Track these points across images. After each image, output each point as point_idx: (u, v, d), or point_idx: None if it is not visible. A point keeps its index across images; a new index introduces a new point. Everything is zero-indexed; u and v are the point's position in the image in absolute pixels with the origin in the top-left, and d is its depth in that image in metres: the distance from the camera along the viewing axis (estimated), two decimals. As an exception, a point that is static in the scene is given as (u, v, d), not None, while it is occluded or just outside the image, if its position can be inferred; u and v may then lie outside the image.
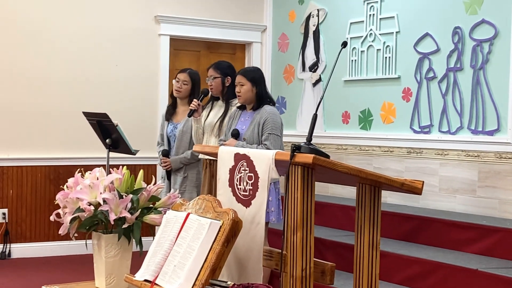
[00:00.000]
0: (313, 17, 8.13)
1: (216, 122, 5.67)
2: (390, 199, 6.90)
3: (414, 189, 3.14)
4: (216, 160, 3.50)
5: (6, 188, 7.39)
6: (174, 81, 6.13)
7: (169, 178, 6.07)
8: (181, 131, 6.00)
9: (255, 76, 5.30)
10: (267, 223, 5.18)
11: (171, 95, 6.33)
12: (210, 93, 5.82)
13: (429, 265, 5.32)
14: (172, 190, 5.62)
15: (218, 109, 5.79)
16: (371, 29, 7.34)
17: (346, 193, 7.37)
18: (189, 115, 5.70)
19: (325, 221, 6.91)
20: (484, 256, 5.48)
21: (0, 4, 7.36)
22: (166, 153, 6.04)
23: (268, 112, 5.20)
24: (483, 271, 4.97)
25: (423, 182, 3.17)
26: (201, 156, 5.72)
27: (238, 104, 5.48)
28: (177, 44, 8.37)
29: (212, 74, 5.77)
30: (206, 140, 5.73)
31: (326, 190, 7.72)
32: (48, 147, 7.55)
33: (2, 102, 7.36)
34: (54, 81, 7.57)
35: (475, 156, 6.27)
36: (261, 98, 5.29)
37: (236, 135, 5.23)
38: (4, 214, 7.36)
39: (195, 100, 5.70)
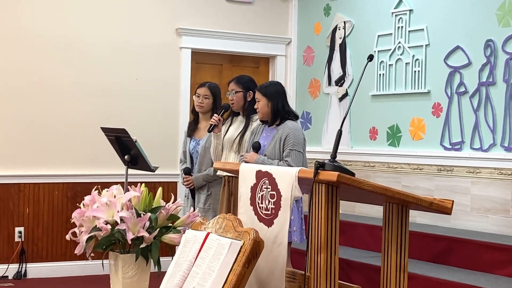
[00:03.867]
0: (339, 29, 8.13)
1: (236, 137, 5.68)
2: (419, 218, 6.85)
3: (443, 208, 3.12)
4: (235, 177, 3.50)
5: (23, 206, 7.43)
6: (194, 96, 6.15)
7: (193, 197, 6.07)
8: (204, 147, 6.00)
9: (270, 91, 5.31)
10: (289, 243, 5.16)
11: (192, 111, 6.34)
12: (230, 108, 5.83)
13: (460, 288, 5.27)
14: (197, 209, 5.63)
15: (238, 124, 5.80)
16: (399, 42, 7.32)
17: (374, 212, 7.33)
18: (209, 130, 5.71)
19: (351, 242, 6.87)
20: (518, 279, 5.43)
21: (19, 17, 7.43)
22: (188, 171, 6.04)
23: (290, 128, 5.20)
24: (517, 295, 4.92)
25: (452, 201, 3.15)
26: (219, 172, 5.73)
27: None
28: (199, 58, 8.40)
29: (234, 88, 5.78)
30: (225, 156, 5.74)
31: (353, 209, 7.68)
32: (66, 163, 7.59)
33: (19, 117, 7.41)
34: (72, 96, 7.61)
35: (509, 175, 6.21)
36: (277, 113, 5.29)
37: (257, 148, 5.23)
38: (20, 232, 7.40)
39: (215, 115, 5.71)
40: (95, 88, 7.72)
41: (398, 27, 7.35)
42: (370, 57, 3.62)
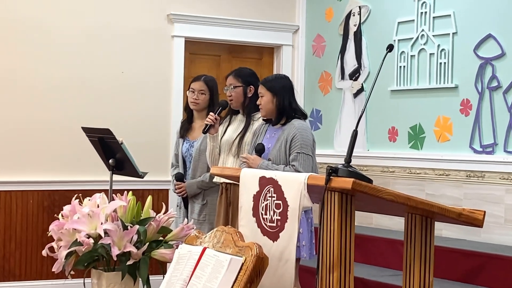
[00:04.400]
0: (354, 15, 8.13)
1: (235, 139, 5.67)
2: (445, 232, 6.85)
3: (473, 220, 3.12)
4: (234, 184, 3.50)
5: (-8, 217, 7.45)
6: (188, 92, 6.15)
7: (186, 207, 6.06)
8: (198, 150, 5.99)
9: (276, 85, 5.32)
10: (297, 260, 5.15)
11: (185, 108, 6.33)
12: (229, 105, 5.83)
13: (493, 312, 5.28)
14: (191, 220, 5.62)
15: (237, 124, 5.79)
16: (422, 30, 7.32)
17: (394, 224, 7.33)
18: (205, 131, 5.70)
19: (368, 258, 6.86)
20: (559, 301, 5.43)
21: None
22: (180, 177, 6.03)
23: (297, 128, 5.20)
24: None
25: (484, 212, 3.14)
26: (216, 179, 5.72)
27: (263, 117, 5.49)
28: (194, 48, 8.40)
29: (232, 83, 5.78)
30: (223, 161, 5.73)
31: (369, 221, 7.68)
32: (42, 168, 7.58)
33: (-12, 115, 7.42)
34: (49, 91, 7.60)
35: (548, 181, 6.22)
36: (282, 111, 5.29)
37: (260, 150, 5.23)
38: (-11, 247, 7.41)
39: (211, 113, 5.70)
40: (74, 83, 7.70)
41: (421, 12, 7.35)
42: (390, 47, 3.63)
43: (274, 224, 3.26)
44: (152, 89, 8.06)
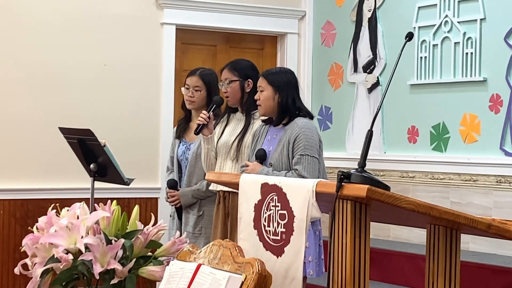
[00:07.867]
0: (368, -1, 8.15)
1: (234, 141, 5.67)
2: (472, 245, 6.85)
3: (505, 232, 3.13)
4: (234, 193, 3.51)
5: (-43, 230, 7.46)
6: (183, 88, 6.13)
7: (180, 218, 6.06)
8: (195, 154, 5.98)
9: (279, 79, 5.31)
10: (304, 278, 5.15)
11: (182, 106, 6.31)
12: (224, 102, 5.83)
13: (527, 336, 5.28)
14: (184, 233, 5.61)
15: (235, 124, 5.78)
16: (446, 15, 7.32)
17: (414, 237, 7.34)
18: (197, 133, 5.69)
19: (385, 275, 6.86)
20: None
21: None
22: (173, 184, 6.02)
23: (300, 127, 5.18)
24: None
25: (517, 222, 3.15)
26: (212, 187, 5.71)
27: (263, 117, 5.47)
28: (186, 37, 8.41)
29: (228, 77, 5.78)
30: (220, 166, 5.72)
31: (386, 233, 7.68)
32: (13, 174, 7.57)
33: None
34: (20, 84, 7.59)
35: None
36: (285, 109, 5.28)
37: (262, 156, 5.22)
38: (-46, 264, 7.43)
39: (204, 112, 5.68)
40: (50, 75, 7.68)
41: (445, -4, 7.37)
42: (409, 36, 3.63)
43: (279, 237, 3.26)
44: (139, 83, 8.06)
